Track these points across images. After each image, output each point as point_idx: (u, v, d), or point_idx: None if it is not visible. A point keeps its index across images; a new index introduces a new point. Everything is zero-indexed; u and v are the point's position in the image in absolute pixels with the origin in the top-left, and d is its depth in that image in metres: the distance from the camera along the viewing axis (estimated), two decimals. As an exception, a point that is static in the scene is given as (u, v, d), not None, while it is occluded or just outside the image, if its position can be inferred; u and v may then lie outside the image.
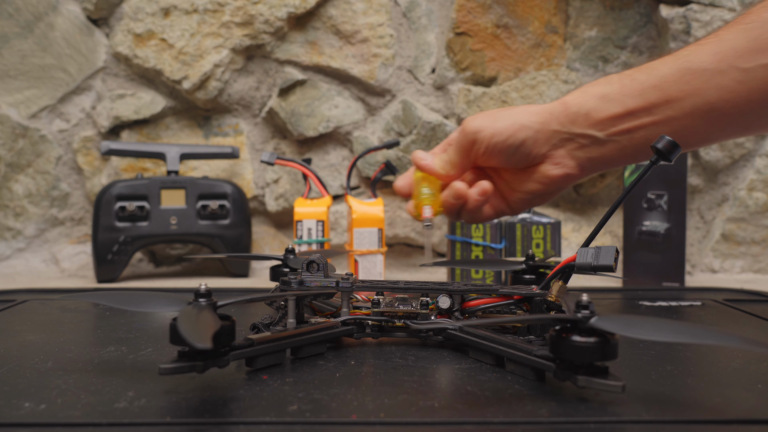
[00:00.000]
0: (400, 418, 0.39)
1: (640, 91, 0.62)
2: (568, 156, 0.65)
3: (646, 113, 0.62)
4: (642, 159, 0.65)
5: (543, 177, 0.65)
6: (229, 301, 0.45)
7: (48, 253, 1.11)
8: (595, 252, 0.50)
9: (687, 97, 0.60)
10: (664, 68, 0.61)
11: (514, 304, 0.56)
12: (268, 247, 1.14)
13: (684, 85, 0.60)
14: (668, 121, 0.61)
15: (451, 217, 0.70)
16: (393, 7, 1.08)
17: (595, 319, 0.41)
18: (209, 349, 0.42)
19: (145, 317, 0.66)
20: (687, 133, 0.61)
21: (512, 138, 0.64)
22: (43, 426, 0.38)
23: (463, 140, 0.66)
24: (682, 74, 0.60)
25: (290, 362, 0.50)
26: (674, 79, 0.60)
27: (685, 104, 0.60)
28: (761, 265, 1.08)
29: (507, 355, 0.48)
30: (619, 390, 0.40)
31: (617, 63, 1.08)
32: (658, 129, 0.61)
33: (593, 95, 0.63)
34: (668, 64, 0.61)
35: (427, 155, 0.69)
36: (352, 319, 0.55)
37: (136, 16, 1.06)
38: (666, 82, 0.61)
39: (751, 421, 0.39)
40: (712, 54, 0.59)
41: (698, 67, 0.59)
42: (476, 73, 1.07)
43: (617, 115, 0.62)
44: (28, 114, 1.09)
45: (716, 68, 0.59)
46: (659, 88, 0.61)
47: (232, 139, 1.11)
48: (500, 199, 0.70)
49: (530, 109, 0.65)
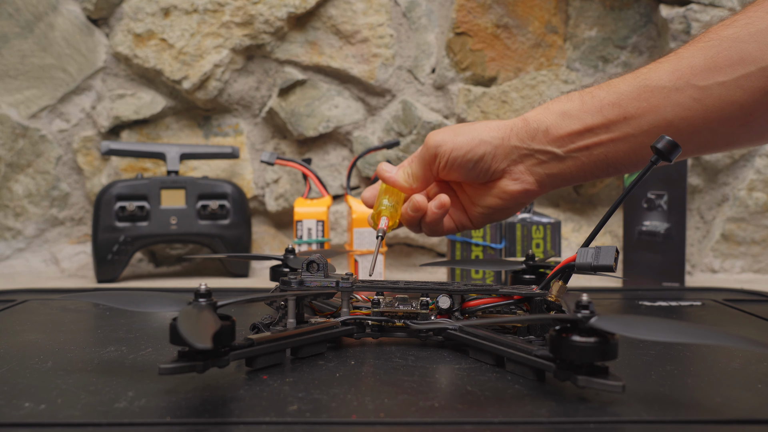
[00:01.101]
0: (400, 418, 0.39)
1: (599, 107, 0.62)
2: (527, 172, 0.65)
3: (604, 130, 0.62)
4: (601, 175, 0.66)
5: (502, 192, 0.66)
6: (229, 302, 0.46)
7: (48, 253, 1.11)
8: (595, 252, 0.50)
9: (645, 115, 0.60)
10: (624, 85, 0.61)
11: (514, 304, 0.56)
12: (268, 247, 1.14)
13: (642, 102, 0.60)
14: (626, 138, 0.61)
15: (412, 229, 0.70)
16: (393, 7, 1.08)
17: (595, 319, 0.41)
18: (209, 349, 0.42)
19: (145, 317, 0.66)
20: (644, 150, 0.61)
21: (471, 152, 0.64)
22: (43, 426, 0.38)
23: (425, 154, 0.66)
24: (640, 91, 0.60)
25: (290, 362, 0.50)
26: (633, 97, 0.61)
27: (642, 121, 0.60)
28: (761, 265, 1.08)
29: (507, 355, 0.48)
30: (619, 390, 0.40)
31: (617, 63, 1.08)
32: (616, 146, 0.62)
33: (553, 111, 0.63)
34: (628, 81, 0.62)
35: (391, 168, 0.69)
36: (352, 319, 0.55)
37: (136, 16, 1.06)
38: (625, 99, 0.61)
39: (751, 421, 0.39)
40: (670, 72, 0.60)
41: (656, 85, 0.60)
42: (476, 73, 1.07)
43: (576, 132, 0.63)
44: (28, 114, 1.09)
45: (674, 86, 0.59)
46: (618, 105, 0.61)
47: (232, 139, 1.11)
48: (461, 212, 0.71)
49: (491, 124, 0.66)
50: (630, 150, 0.61)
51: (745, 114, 0.58)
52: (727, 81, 0.57)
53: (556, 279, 0.54)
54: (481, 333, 0.51)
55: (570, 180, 0.66)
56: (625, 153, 0.62)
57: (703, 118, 0.59)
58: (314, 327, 0.52)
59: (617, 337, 0.41)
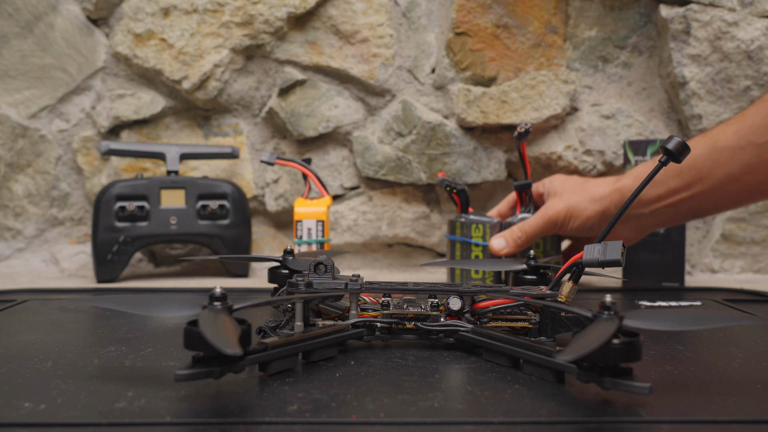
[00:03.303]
0: (400, 418, 0.39)
1: (679, 172, 0.73)
2: (626, 229, 0.80)
3: (684, 190, 0.74)
4: (687, 220, 0.82)
5: None
6: (246, 305, 0.45)
7: (48, 253, 1.11)
8: (602, 248, 0.50)
9: (715, 173, 0.71)
10: (698, 149, 0.71)
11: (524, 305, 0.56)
12: (268, 247, 1.14)
13: (713, 162, 0.71)
14: (702, 193, 0.73)
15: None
16: (393, 7, 1.08)
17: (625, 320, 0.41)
18: (230, 355, 0.41)
19: (145, 317, 0.66)
20: (718, 199, 0.73)
21: (583, 225, 0.81)
22: (43, 426, 0.38)
23: (557, 218, 0.82)
24: (711, 153, 0.71)
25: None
26: (705, 158, 0.71)
27: (713, 178, 0.71)
28: (761, 265, 1.08)
29: (525, 357, 0.47)
30: (645, 392, 0.39)
31: (617, 63, 1.08)
32: (694, 200, 0.74)
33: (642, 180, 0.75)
34: (701, 144, 0.72)
35: (501, 242, 0.85)
36: (362, 321, 0.55)
37: (135, 16, 1.06)
38: (699, 162, 0.72)
39: (751, 421, 0.39)
40: (734, 132, 0.70)
41: (724, 146, 0.70)
42: (476, 73, 1.07)
43: (661, 196, 0.75)
44: (28, 114, 1.09)
45: (737, 145, 0.69)
46: (694, 167, 0.72)
47: (232, 139, 1.11)
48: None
49: (595, 196, 0.80)
50: (706, 200, 0.74)
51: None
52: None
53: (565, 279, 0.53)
54: (496, 335, 0.50)
55: (660, 226, 0.82)
56: (701, 204, 0.75)
57: (765, 171, 0.69)
58: (326, 330, 0.52)
59: (641, 338, 0.41)
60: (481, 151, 1.08)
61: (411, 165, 1.07)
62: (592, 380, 0.42)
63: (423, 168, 1.07)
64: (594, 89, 1.09)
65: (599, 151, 1.06)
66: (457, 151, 1.07)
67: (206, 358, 0.42)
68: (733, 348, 0.56)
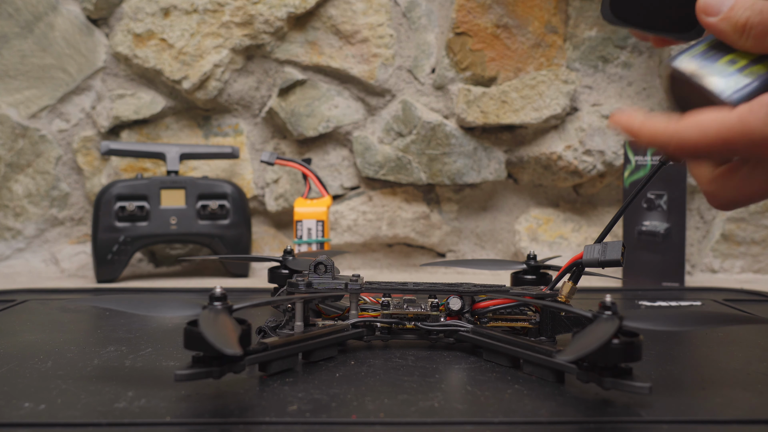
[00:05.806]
0: (400, 418, 0.39)
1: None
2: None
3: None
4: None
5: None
6: (246, 305, 0.45)
7: (48, 253, 1.11)
8: (602, 248, 0.50)
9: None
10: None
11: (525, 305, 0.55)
12: (268, 247, 1.14)
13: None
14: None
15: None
16: (393, 7, 1.08)
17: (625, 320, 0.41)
18: (229, 355, 0.40)
19: (145, 317, 0.66)
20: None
21: None
22: (43, 426, 0.38)
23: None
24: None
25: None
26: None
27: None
28: (761, 265, 1.08)
29: (525, 357, 0.47)
30: (645, 391, 0.39)
31: (617, 63, 1.08)
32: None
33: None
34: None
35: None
36: (362, 321, 0.55)
37: (136, 16, 1.06)
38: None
39: (751, 421, 0.39)
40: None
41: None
42: (476, 73, 1.07)
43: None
44: (28, 114, 1.09)
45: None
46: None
47: (232, 139, 1.11)
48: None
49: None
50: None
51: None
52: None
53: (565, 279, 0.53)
54: (496, 335, 0.50)
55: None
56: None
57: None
58: (326, 330, 0.52)
59: (641, 338, 0.41)
60: (481, 151, 1.08)
61: (411, 165, 1.07)
62: (592, 380, 0.42)
63: (423, 168, 1.07)
64: (594, 89, 1.09)
65: (599, 151, 1.06)
66: (457, 151, 1.07)
67: (206, 358, 0.42)
68: (733, 348, 0.56)
